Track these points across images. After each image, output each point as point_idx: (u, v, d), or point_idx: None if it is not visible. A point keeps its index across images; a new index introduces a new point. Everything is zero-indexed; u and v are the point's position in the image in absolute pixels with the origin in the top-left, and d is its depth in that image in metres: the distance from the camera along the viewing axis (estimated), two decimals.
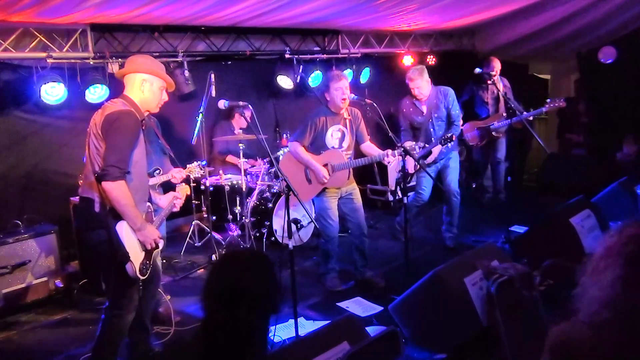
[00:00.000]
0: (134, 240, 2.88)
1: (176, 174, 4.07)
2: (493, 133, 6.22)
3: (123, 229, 2.83)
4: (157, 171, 4.32)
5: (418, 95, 4.95)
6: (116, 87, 4.82)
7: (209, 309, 1.68)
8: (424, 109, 5.03)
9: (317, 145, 4.25)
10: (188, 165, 4.27)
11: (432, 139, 4.92)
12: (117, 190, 2.72)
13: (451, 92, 5.02)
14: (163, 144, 4.24)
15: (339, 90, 4.13)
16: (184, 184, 3.60)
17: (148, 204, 3.10)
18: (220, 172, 5.35)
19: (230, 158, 5.87)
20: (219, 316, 1.66)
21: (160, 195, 3.52)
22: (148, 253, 2.97)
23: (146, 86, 2.97)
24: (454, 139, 4.74)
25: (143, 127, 2.99)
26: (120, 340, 3.08)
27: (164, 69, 3.12)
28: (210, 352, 1.64)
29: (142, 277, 2.92)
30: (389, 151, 4.10)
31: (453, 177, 5.17)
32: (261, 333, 1.70)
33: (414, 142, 4.93)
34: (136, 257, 2.88)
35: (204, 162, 4.41)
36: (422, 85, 4.89)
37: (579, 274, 1.46)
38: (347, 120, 4.28)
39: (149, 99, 3.00)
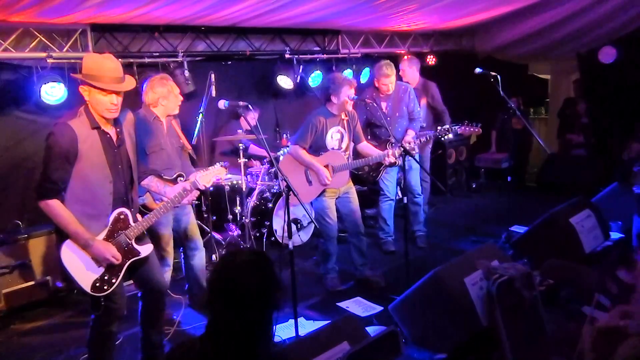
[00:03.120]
0: (83, 256, 2.70)
1: (199, 180, 3.53)
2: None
3: (62, 249, 2.69)
4: (180, 178, 3.98)
5: (386, 92, 4.80)
6: None
7: (212, 309, 1.69)
8: (383, 105, 4.84)
9: (317, 147, 4.24)
10: (210, 168, 4.02)
11: (392, 138, 4.53)
12: (48, 208, 2.64)
13: (411, 88, 4.98)
14: (183, 142, 4.06)
15: (349, 97, 4.12)
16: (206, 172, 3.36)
17: (123, 209, 2.84)
18: None
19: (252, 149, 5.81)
20: (222, 316, 1.67)
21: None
22: (112, 268, 2.77)
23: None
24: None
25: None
26: (108, 349, 2.98)
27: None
28: (216, 350, 1.65)
29: (98, 295, 2.74)
30: (389, 151, 4.11)
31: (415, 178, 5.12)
32: (265, 330, 1.72)
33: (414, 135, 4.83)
34: (87, 275, 2.71)
35: (226, 163, 4.15)
36: (395, 80, 4.80)
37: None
38: (345, 121, 4.28)
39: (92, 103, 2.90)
